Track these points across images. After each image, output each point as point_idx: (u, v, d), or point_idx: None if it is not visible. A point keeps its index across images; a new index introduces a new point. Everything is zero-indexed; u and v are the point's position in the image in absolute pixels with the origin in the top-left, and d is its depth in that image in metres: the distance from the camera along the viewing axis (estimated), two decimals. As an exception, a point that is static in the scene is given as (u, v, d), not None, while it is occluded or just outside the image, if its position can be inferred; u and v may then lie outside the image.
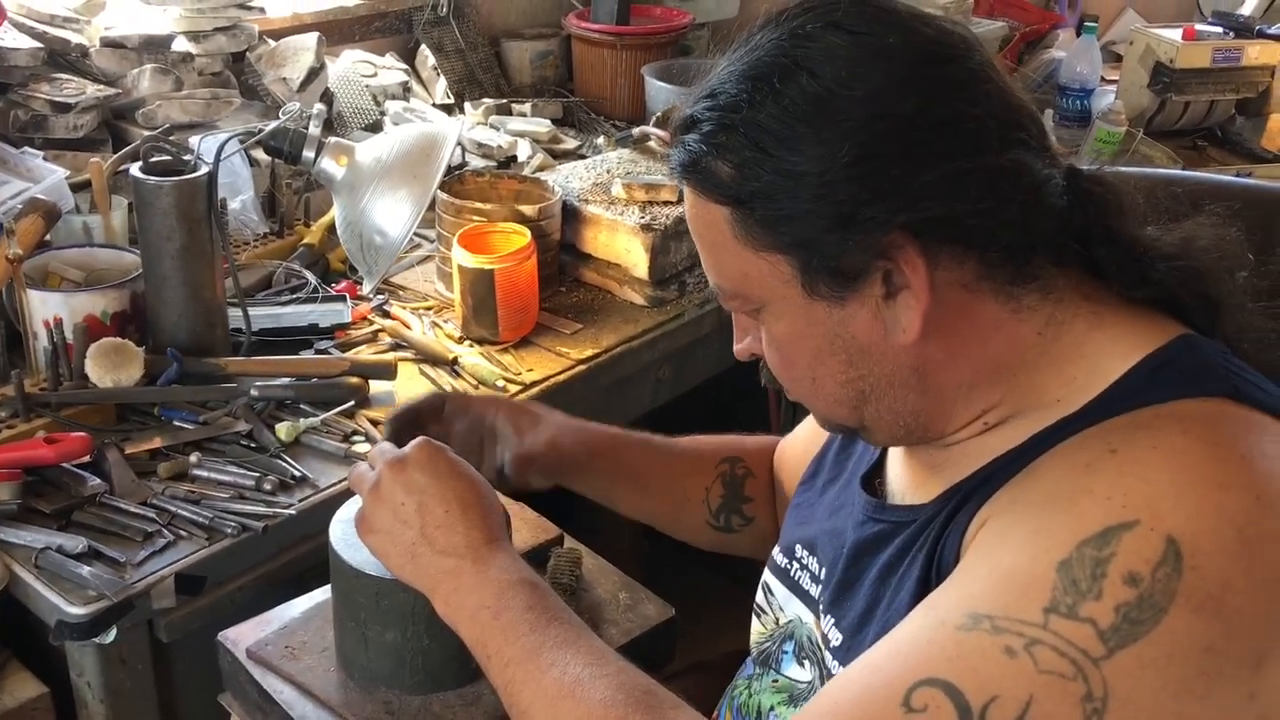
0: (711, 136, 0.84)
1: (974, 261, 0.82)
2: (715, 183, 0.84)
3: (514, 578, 0.94)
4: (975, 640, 0.73)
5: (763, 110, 0.81)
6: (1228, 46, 2.77)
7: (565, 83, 2.67)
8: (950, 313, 0.83)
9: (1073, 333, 0.85)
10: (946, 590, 0.79)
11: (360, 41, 2.42)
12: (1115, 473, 0.75)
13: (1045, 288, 0.85)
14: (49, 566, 1.24)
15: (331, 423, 1.50)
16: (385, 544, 1.00)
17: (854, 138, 0.79)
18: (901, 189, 0.79)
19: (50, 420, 1.43)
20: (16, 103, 1.81)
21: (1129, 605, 0.70)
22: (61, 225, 1.64)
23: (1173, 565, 0.70)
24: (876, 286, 0.82)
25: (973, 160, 0.79)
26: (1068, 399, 0.83)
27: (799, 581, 1.06)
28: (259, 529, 1.32)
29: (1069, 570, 0.72)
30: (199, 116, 1.93)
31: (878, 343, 0.85)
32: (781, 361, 0.90)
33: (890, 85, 0.79)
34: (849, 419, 0.91)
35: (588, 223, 1.89)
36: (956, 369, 0.86)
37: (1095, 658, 0.70)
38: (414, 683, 1.10)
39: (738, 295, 0.89)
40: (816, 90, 0.79)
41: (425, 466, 1.00)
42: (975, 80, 0.82)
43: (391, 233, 1.56)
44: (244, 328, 1.61)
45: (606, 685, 0.84)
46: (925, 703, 0.73)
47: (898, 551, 0.90)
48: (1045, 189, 0.83)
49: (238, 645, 1.17)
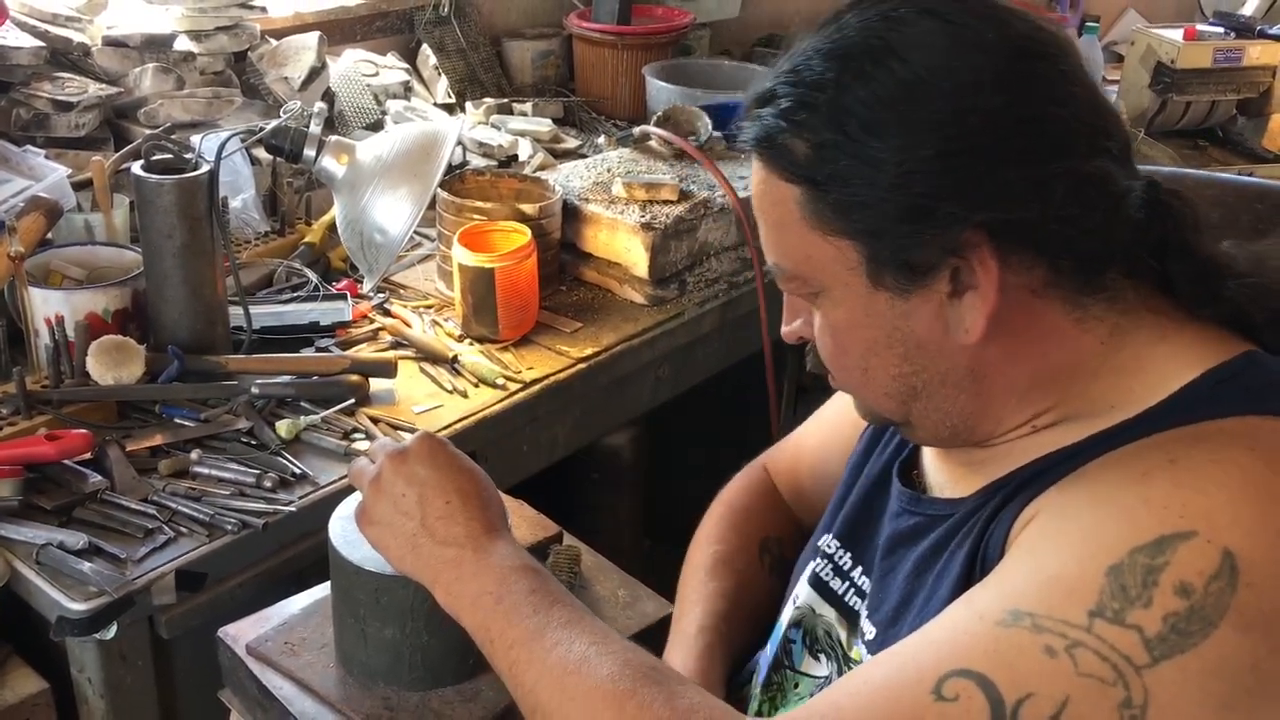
0: (791, 113, 0.81)
1: (1044, 267, 0.80)
2: (790, 161, 0.82)
3: (515, 564, 0.93)
4: (1014, 636, 0.72)
5: (848, 92, 0.78)
6: (1229, 47, 2.77)
7: (566, 82, 2.68)
8: (1014, 317, 0.81)
9: (1134, 344, 0.83)
10: (987, 585, 0.77)
11: (362, 41, 2.42)
12: (1173, 483, 0.74)
13: (1113, 298, 0.83)
14: (50, 563, 1.25)
15: (332, 420, 1.51)
16: (386, 536, 0.99)
17: (940, 130, 0.77)
18: (984, 187, 0.77)
19: (51, 417, 1.44)
20: (19, 101, 1.81)
21: (1178, 616, 0.69)
22: (63, 223, 1.65)
23: (1227, 580, 0.69)
24: (943, 283, 0.80)
25: (1060, 164, 0.77)
26: (1123, 406, 0.81)
27: (818, 572, 1.04)
28: (259, 526, 1.32)
29: (1119, 576, 0.71)
30: (200, 115, 1.93)
31: (937, 340, 0.83)
32: (834, 349, 0.88)
33: (982, 79, 0.77)
34: (895, 413, 0.90)
35: (588, 222, 1.89)
36: (1013, 374, 0.84)
37: (1139, 665, 0.69)
38: (413, 679, 1.10)
39: (797, 277, 0.87)
40: (906, 77, 0.77)
41: (426, 459, 1.00)
42: (1066, 82, 0.80)
43: (392, 231, 1.56)
44: (245, 326, 1.61)
45: (613, 661, 0.83)
46: (957, 692, 0.72)
47: (935, 545, 0.89)
48: (1126, 200, 0.81)
49: (238, 641, 1.17)
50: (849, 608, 1.00)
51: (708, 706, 0.80)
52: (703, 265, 1.94)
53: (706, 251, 1.94)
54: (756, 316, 1.95)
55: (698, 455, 2.48)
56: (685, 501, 2.48)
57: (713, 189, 1.95)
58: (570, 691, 0.83)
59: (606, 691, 0.81)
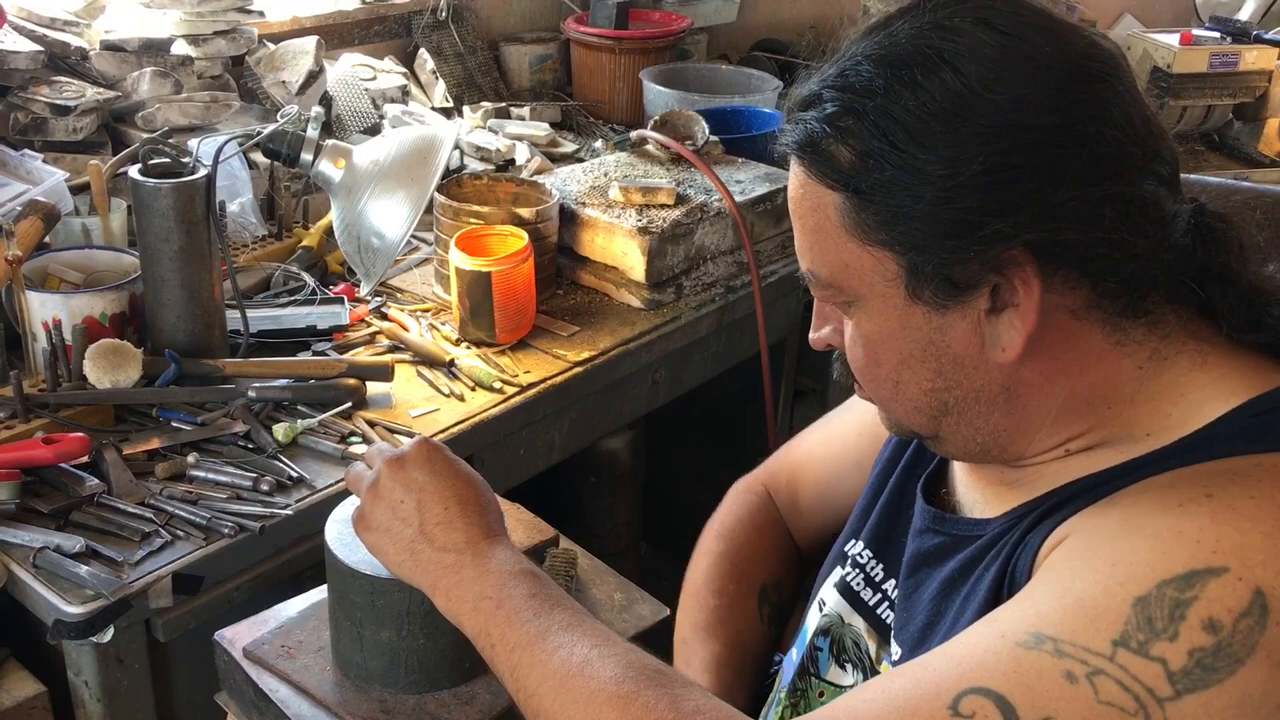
0: (836, 119, 0.80)
1: (1087, 289, 0.79)
2: (833, 167, 0.80)
3: (515, 568, 0.93)
4: (1035, 659, 0.72)
5: (897, 101, 0.77)
6: (1225, 51, 2.78)
7: (564, 86, 2.68)
8: (1053, 337, 0.80)
9: (1174, 370, 0.82)
10: (1012, 607, 0.77)
11: (359, 45, 2.43)
12: (1208, 518, 0.73)
13: (1154, 323, 0.82)
14: (47, 566, 1.25)
15: (329, 424, 1.51)
16: (384, 541, 1.00)
17: (991, 145, 0.75)
18: (1033, 205, 0.75)
19: (49, 421, 1.44)
20: (16, 105, 1.82)
21: (1204, 651, 0.69)
22: (61, 227, 1.65)
23: (1257, 618, 0.69)
24: (983, 300, 0.79)
25: (1111, 186, 0.76)
26: (1159, 434, 0.81)
27: (848, 580, 1.03)
28: (256, 529, 1.32)
29: (1146, 607, 0.71)
30: (198, 119, 1.93)
31: (973, 357, 0.82)
32: (866, 360, 0.87)
33: (1037, 95, 0.76)
34: (924, 428, 0.89)
35: (585, 226, 1.90)
36: (1049, 394, 0.83)
37: (1161, 697, 0.69)
38: (409, 682, 1.10)
39: (832, 285, 0.85)
40: (959, 88, 0.75)
41: (424, 464, 1.00)
42: (1123, 103, 0.78)
43: (389, 235, 1.57)
44: (242, 329, 1.61)
45: (616, 664, 0.83)
46: (974, 710, 0.71)
47: (962, 566, 0.88)
48: (1174, 224, 0.80)
49: (234, 645, 1.17)
50: (881, 620, 0.99)
51: (713, 709, 0.80)
52: (699, 269, 1.94)
53: (703, 255, 1.94)
54: (753, 320, 1.95)
55: (694, 459, 2.49)
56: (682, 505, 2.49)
57: (709, 193, 1.96)
58: (574, 694, 0.83)
59: (610, 694, 0.81)
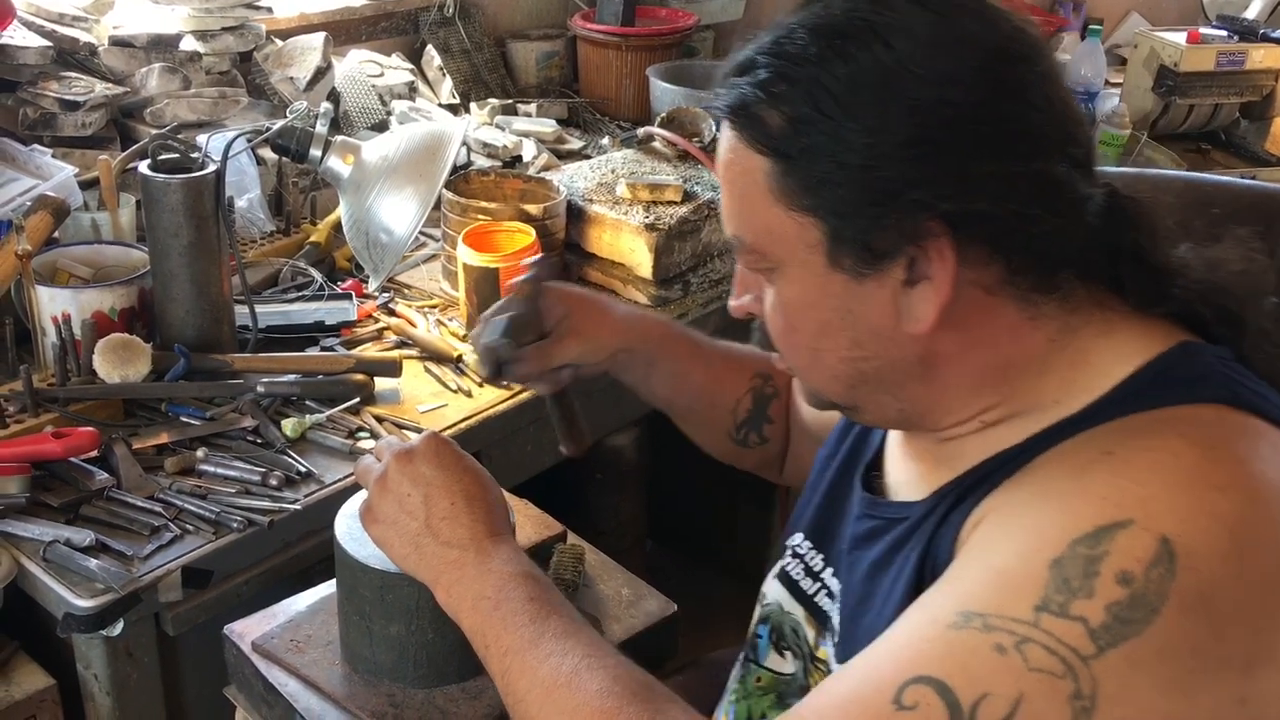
0: (769, 84, 0.81)
1: (1000, 265, 0.82)
2: (763, 132, 0.82)
3: (516, 570, 0.95)
4: (966, 638, 0.73)
5: (828, 70, 0.79)
6: (1232, 50, 2.77)
7: (570, 83, 2.68)
8: (967, 311, 0.82)
9: (1081, 340, 0.84)
10: (939, 589, 0.79)
11: (367, 42, 2.43)
12: (1110, 474, 0.75)
13: (1065, 298, 0.84)
14: (57, 559, 1.26)
15: (337, 419, 1.51)
16: (389, 534, 1.01)
17: (915, 117, 0.77)
18: (951, 178, 0.78)
19: (58, 415, 1.44)
20: (26, 100, 1.82)
21: (1120, 604, 0.70)
22: (70, 222, 1.65)
23: (1166, 565, 0.70)
24: (899, 271, 0.81)
25: (1026, 164, 0.79)
26: (1067, 401, 0.83)
27: (788, 569, 1.06)
28: (265, 524, 1.33)
29: (1061, 568, 0.72)
30: (206, 115, 1.94)
31: (888, 327, 0.84)
32: (785, 327, 0.89)
33: (962, 73, 0.78)
34: (842, 397, 0.91)
35: (592, 222, 1.90)
36: (964, 366, 0.86)
37: (1085, 656, 0.70)
38: (418, 676, 1.10)
39: (755, 251, 0.87)
40: (888, 62, 0.78)
41: (432, 459, 1.01)
42: (1043, 85, 0.81)
43: (397, 230, 1.57)
44: (251, 324, 1.62)
45: (603, 676, 0.84)
46: (916, 700, 0.73)
47: (888, 549, 0.90)
48: (1086, 204, 0.82)
49: (243, 639, 1.18)
50: (819, 608, 1.01)
51: None
52: (706, 266, 1.95)
53: (710, 252, 1.94)
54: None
55: (700, 457, 2.49)
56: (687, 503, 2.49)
57: (716, 190, 1.96)
58: (559, 705, 0.85)
59: (594, 708, 0.83)
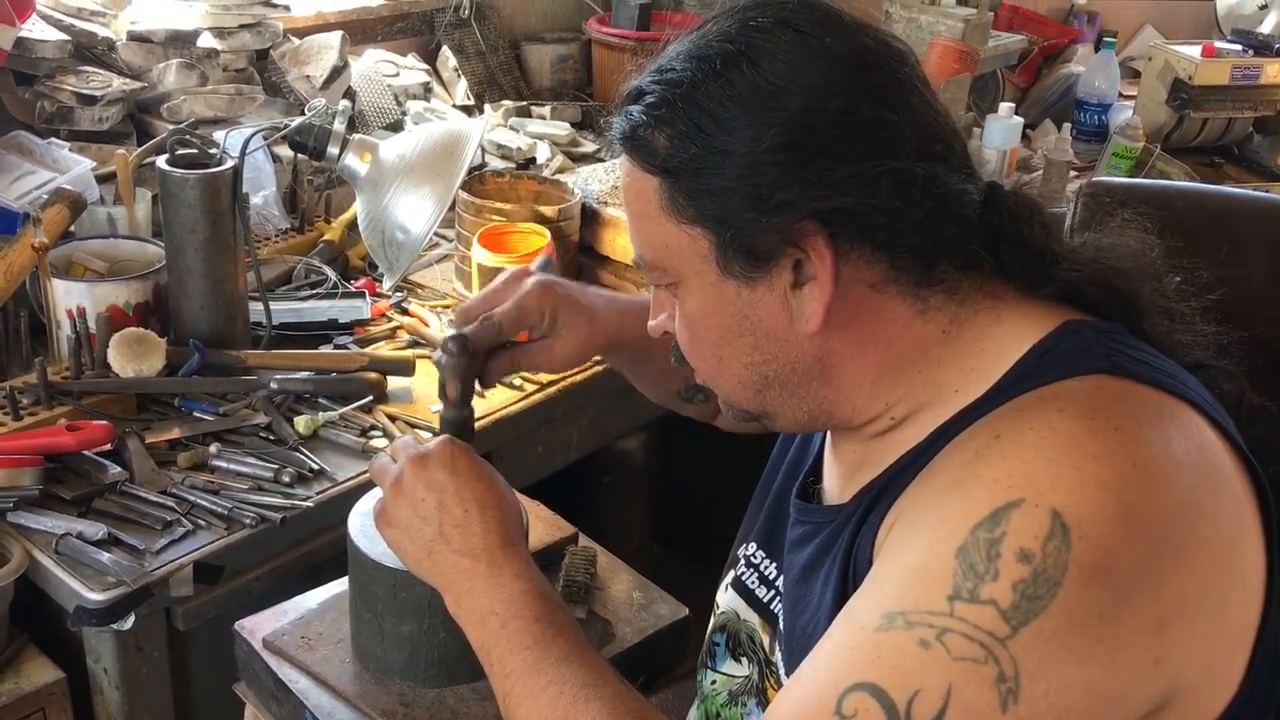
0: (653, 109, 0.87)
1: (884, 264, 0.85)
2: (650, 152, 0.87)
3: (525, 587, 0.96)
4: (892, 638, 0.74)
5: (703, 89, 0.84)
6: (1247, 64, 2.77)
7: (584, 86, 2.68)
8: (855, 309, 0.86)
9: (973, 329, 0.87)
10: (862, 594, 0.80)
11: (383, 41, 2.43)
12: (999, 456, 0.77)
13: (951, 289, 0.87)
14: (69, 552, 1.26)
15: (349, 417, 1.51)
16: (403, 538, 1.01)
17: (783, 127, 0.82)
18: (817, 179, 0.82)
19: (72, 408, 1.45)
20: (44, 94, 1.83)
21: (1025, 582, 0.72)
22: (86, 216, 1.66)
23: (1061, 538, 0.72)
24: (786, 273, 0.85)
25: (886, 163, 0.82)
26: (966, 389, 0.86)
27: (742, 578, 1.08)
28: (276, 520, 1.33)
29: (966, 555, 0.74)
30: (222, 112, 1.94)
31: (783, 329, 0.87)
32: (691, 339, 0.93)
33: (823, 84, 0.83)
34: (752, 403, 0.93)
35: (606, 225, 1.90)
36: (860, 363, 0.88)
37: (1001, 638, 0.71)
38: (428, 675, 1.10)
39: (657, 267, 0.91)
40: (755, 79, 0.83)
41: (447, 464, 1.01)
42: (901, 90, 0.86)
43: (414, 230, 1.57)
44: (265, 321, 1.62)
45: (600, 708, 0.86)
46: (855, 708, 0.74)
47: (817, 552, 0.93)
48: (957, 200, 0.86)
49: (254, 635, 1.18)
50: (774, 614, 1.03)
51: None
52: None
53: (723, 257, 1.94)
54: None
55: (708, 461, 2.49)
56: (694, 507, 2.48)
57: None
58: None
59: None
